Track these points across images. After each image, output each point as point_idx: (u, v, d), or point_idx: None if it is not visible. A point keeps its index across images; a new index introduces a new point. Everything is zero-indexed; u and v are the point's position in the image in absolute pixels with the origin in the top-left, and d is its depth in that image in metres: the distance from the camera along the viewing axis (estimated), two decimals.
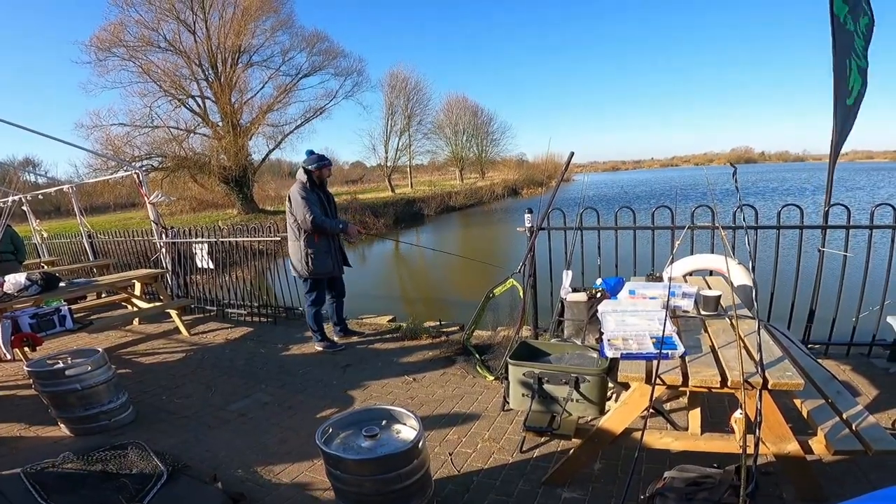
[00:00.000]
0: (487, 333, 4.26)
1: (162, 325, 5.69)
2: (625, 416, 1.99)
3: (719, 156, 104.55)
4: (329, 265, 4.20)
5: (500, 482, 2.36)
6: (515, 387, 2.36)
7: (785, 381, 1.67)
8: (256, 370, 4.13)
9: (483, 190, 37.64)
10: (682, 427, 2.55)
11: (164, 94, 22.97)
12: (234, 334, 5.21)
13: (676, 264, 3.43)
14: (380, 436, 2.01)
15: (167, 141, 23.40)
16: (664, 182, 44.59)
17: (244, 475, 2.55)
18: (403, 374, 3.80)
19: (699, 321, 2.32)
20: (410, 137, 38.83)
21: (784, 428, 1.84)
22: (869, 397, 2.92)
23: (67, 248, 8.27)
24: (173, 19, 22.15)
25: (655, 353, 1.84)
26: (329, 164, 4.19)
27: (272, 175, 35.40)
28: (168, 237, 6.22)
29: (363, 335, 4.76)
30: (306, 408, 3.35)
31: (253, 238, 5.63)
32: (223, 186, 24.50)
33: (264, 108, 25.39)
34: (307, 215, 3.96)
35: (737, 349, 1.85)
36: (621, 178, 67.91)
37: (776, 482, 2.11)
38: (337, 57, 27.39)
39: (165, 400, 3.63)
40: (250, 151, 25.46)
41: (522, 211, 4.04)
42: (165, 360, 4.54)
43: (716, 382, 1.73)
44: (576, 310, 2.91)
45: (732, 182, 2.32)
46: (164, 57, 22.69)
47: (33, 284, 4.48)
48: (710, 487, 1.69)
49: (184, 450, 2.83)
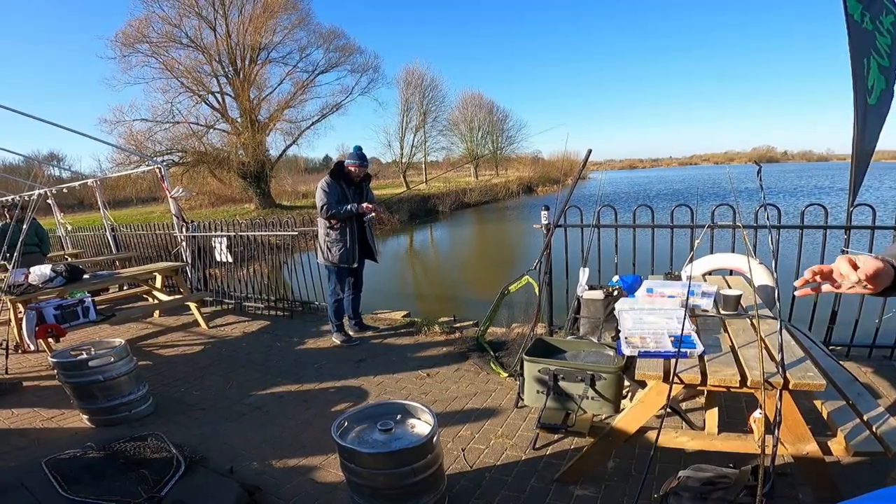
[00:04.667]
0: (502, 330, 4.26)
1: (181, 317, 5.80)
2: (641, 414, 1.98)
3: (740, 155, 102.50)
4: (346, 254, 4.26)
5: (512, 479, 2.36)
6: (530, 383, 2.35)
7: (806, 381, 1.64)
8: (273, 363, 4.19)
9: (498, 187, 37.52)
10: (698, 427, 2.52)
11: (185, 90, 23.36)
12: (252, 328, 5.28)
13: (696, 263, 3.38)
14: (394, 430, 2.02)
15: (187, 136, 23.78)
16: (683, 180, 43.94)
17: (260, 467, 2.59)
18: (417, 369, 3.81)
19: (718, 321, 2.28)
20: (426, 134, 38.87)
21: (804, 429, 1.81)
22: (890, 399, 2.85)
23: (91, 240, 8.46)
24: (195, 16, 22.47)
25: (674, 352, 1.82)
26: (358, 164, 4.23)
27: (289, 171, 35.79)
28: (188, 231, 6.32)
29: (378, 330, 4.79)
30: (321, 401, 3.39)
31: (270, 233, 5.70)
32: (241, 182, 24.84)
33: (282, 104, 25.66)
34: (320, 204, 4.16)
35: (757, 349, 1.83)
36: (639, 176, 67.09)
37: (792, 483, 2.08)
38: (353, 53, 27.55)
39: (184, 392, 3.70)
40: (268, 147, 25.75)
41: (537, 208, 4.02)
42: (184, 353, 4.62)
43: (735, 382, 1.70)
44: (592, 307, 2.89)
45: (755, 181, 2.28)
46: (186, 53, 23.11)
47: (58, 276, 4.60)
48: (725, 487, 1.67)
49: (201, 442, 2.88)
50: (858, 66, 3.21)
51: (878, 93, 3.38)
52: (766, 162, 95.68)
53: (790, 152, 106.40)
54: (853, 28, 3.15)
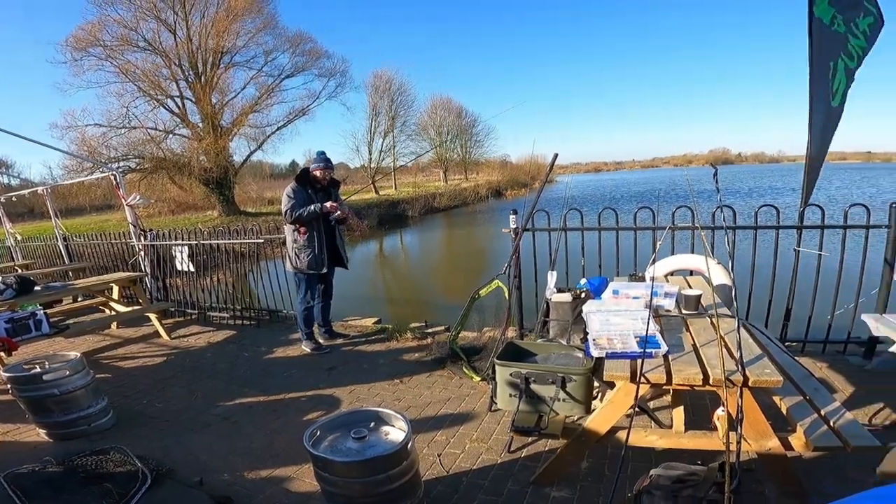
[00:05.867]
0: (473, 334, 4.27)
1: (141, 328, 5.58)
2: (610, 414, 2.02)
3: (698, 157, 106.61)
4: (315, 260, 4.20)
5: (489, 482, 2.37)
6: (503, 387, 2.37)
7: (764, 378, 1.70)
8: (240, 373, 4.08)
9: (467, 191, 37.71)
10: (666, 425, 2.58)
11: (143, 94, 22.51)
12: (217, 338, 5.13)
13: (658, 264, 3.48)
14: (368, 438, 2.01)
15: (145, 142, 22.90)
16: (646, 182, 45.31)
17: (230, 479, 2.52)
18: (390, 376, 3.79)
19: (681, 320, 2.36)
20: (395, 139, 38.71)
21: (765, 425, 1.87)
22: (845, 394, 3.00)
23: (42, 251, 8.05)
24: (153, 18, 21.72)
25: (639, 352, 1.87)
26: (323, 167, 4.18)
27: (254, 177, 34.97)
28: (147, 240, 6.11)
29: (349, 337, 4.73)
30: (292, 411, 3.32)
31: (235, 240, 5.56)
32: (203, 188, 24.08)
33: (246, 108, 25.05)
34: (285, 208, 4.12)
35: (717, 347, 1.89)
36: (604, 179, 68.74)
37: (758, 479, 2.14)
38: (321, 57, 27.20)
39: (146, 404, 3.57)
40: (231, 153, 25.11)
41: (506, 212, 4.07)
42: (145, 365, 4.45)
43: (698, 380, 1.76)
44: (561, 310, 2.94)
45: (712, 183, 2.38)
46: (143, 57, 22.26)
47: (7, 288, 4.37)
48: (694, 484, 1.72)
49: (167, 454, 2.78)
50: (823, 69, 3.22)
51: (842, 94, 3.42)
52: (722, 164, 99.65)
53: (744, 154, 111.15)
54: (819, 31, 3.15)
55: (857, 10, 3.32)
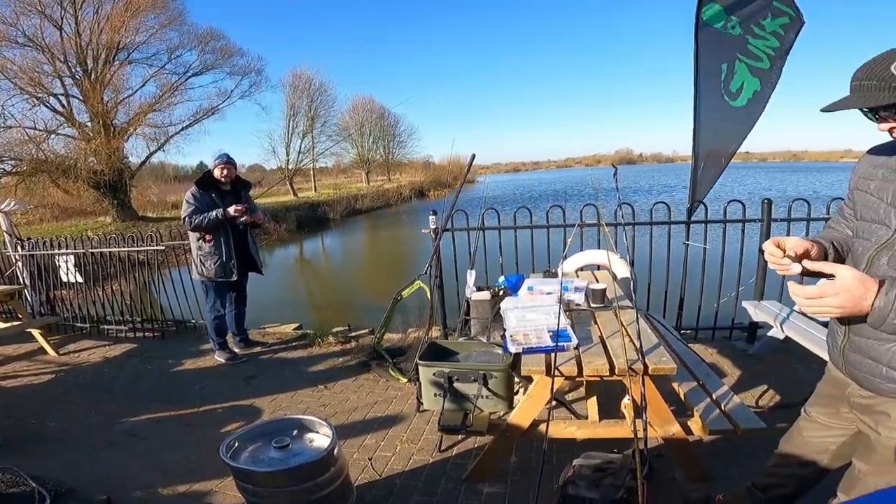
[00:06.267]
0: (398, 336, 4.27)
1: (23, 345, 4.96)
2: (531, 408, 2.09)
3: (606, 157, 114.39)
4: (223, 267, 3.96)
5: (422, 483, 2.38)
6: (427, 387, 2.40)
7: (661, 366, 1.82)
8: (145, 388, 3.78)
9: (390, 192, 37.40)
10: (583, 416, 2.73)
11: (20, 91, 19.86)
12: (114, 352, 4.70)
13: (569, 260, 3.68)
14: (291, 446, 1.96)
15: (22, 142, 20.18)
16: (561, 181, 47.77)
17: (143, 495, 2.35)
18: (314, 382, 3.68)
19: (589, 314, 2.49)
20: (314, 139, 37.38)
21: (666, 411, 2.00)
22: (734, 377, 3.29)
23: None
24: (37, 14, 19.22)
25: (552, 346, 1.96)
26: (223, 163, 3.94)
27: (155, 179, 32.19)
28: (25, 249, 5.45)
29: (267, 345, 4.53)
30: (207, 423, 3.13)
31: (131, 248, 5.11)
32: (94, 192, 21.71)
33: (145, 107, 22.89)
34: (183, 215, 3.90)
35: (621, 338, 2.03)
36: (522, 179, 71.41)
37: (670, 464, 2.21)
38: (233, 56, 25.49)
39: (36, 424, 3.23)
40: (127, 154, 22.88)
41: (429, 212, 4.11)
42: (31, 383, 4.02)
43: (605, 371, 1.87)
44: (481, 308, 3.02)
45: (614, 182, 2.57)
46: (23, 53, 19.58)
47: None
48: (613, 472, 1.78)
49: (66, 474, 2.53)
50: (714, 69, 3.37)
51: (751, 94, 3.50)
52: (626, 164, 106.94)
53: (644, 154, 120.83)
54: (706, 34, 3.33)
55: (762, 13, 3.42)
